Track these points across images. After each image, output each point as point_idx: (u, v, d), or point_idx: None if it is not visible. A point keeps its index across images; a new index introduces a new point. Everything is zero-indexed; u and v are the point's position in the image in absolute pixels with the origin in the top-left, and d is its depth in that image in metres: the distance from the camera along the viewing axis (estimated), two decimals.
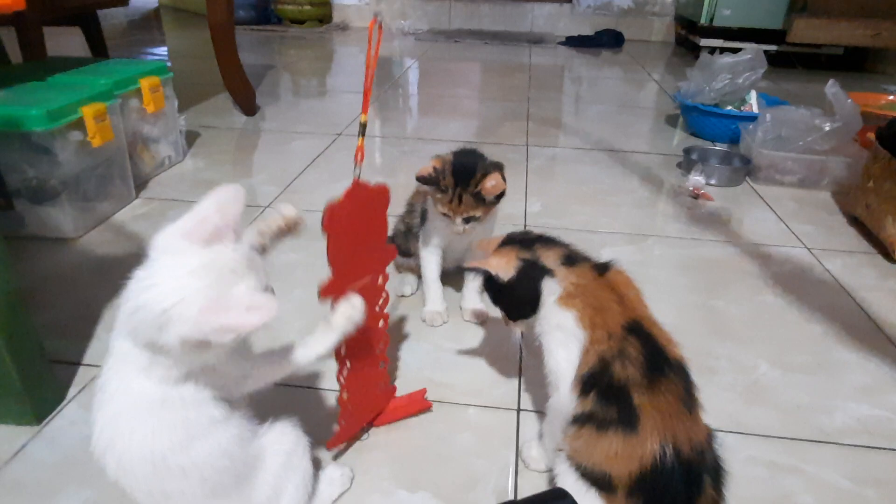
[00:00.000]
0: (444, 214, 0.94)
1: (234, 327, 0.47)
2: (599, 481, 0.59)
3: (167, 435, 0.53)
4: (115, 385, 0.53)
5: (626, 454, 0.58)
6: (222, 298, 0.48)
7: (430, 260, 1.04)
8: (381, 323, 0.76)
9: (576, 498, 0.57)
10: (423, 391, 0.83)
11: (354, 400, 0.75)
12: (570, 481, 0.61)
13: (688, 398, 0.60)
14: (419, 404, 0.83)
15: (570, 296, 0.65)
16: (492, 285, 0.70)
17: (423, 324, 1.03)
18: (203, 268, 0.48)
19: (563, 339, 0.65)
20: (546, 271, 0.66)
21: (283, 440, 0.62)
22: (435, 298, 1.05)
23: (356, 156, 0.68)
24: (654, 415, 0.58)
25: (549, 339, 0.67)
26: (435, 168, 0.92)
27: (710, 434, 0.61)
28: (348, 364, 0.72)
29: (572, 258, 0.68)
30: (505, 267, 0.67)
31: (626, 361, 0.60)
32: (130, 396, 0.53)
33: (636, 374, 0.59)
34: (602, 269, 0.68)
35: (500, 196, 0.93)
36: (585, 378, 0.62)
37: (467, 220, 0.94)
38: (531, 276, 0.67)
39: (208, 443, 0.55)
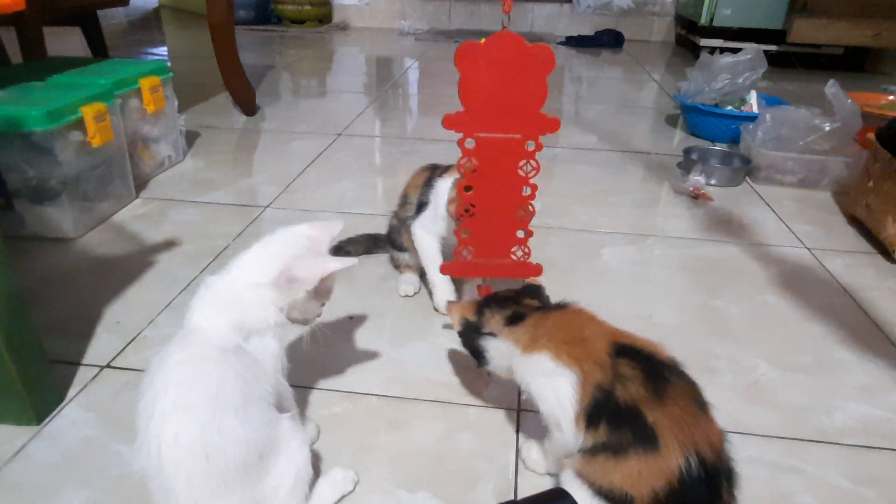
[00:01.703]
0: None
1: (323, 267, 0.64)
2: (617, 500, 0.58)
3: (231, 386, 0.58)
4: (187, 340, 0.61)
5: (649, 473, 0.56)
6: (317, 255, 0.67)
7: (430, 245, 1.00)
8: (527, 190, 0.81)
9: None
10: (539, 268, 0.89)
11: (475, 242, 0.85)
12: (581, 495, 0.59)
13: (699, 398, 0.60)
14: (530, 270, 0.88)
15: (534, 340, 0.67)
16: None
17: (422, 324, 1.03)
18: (306, 246, 0.68)
19: (546, 381, 0.65)
20: (484, 334, 0.72)
21: (294, 436, 0.63)
22: (439, 285, 1.01)
23: (503, 5, 0.74)
24: (672, 427, 0.56)
25: (534, 387, 0.67)
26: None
27: (723, 435, 0.60)
28: (471, 206, 0.83)
29: (519, 315, 0.71)
30: (456, 321, 0.77)
31: (626, 382, 0.59)
32: (203, 349, 0.60)
33: (640, 390, 0.58)
34: (560, 308, 0.71)
35: None
36: (590, 410, 0.61)
37: None
38: (468, 336, 0.75)
39: (256, 411, 0.60)
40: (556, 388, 0.63)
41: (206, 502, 0.55)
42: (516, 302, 0.74)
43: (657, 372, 0.60)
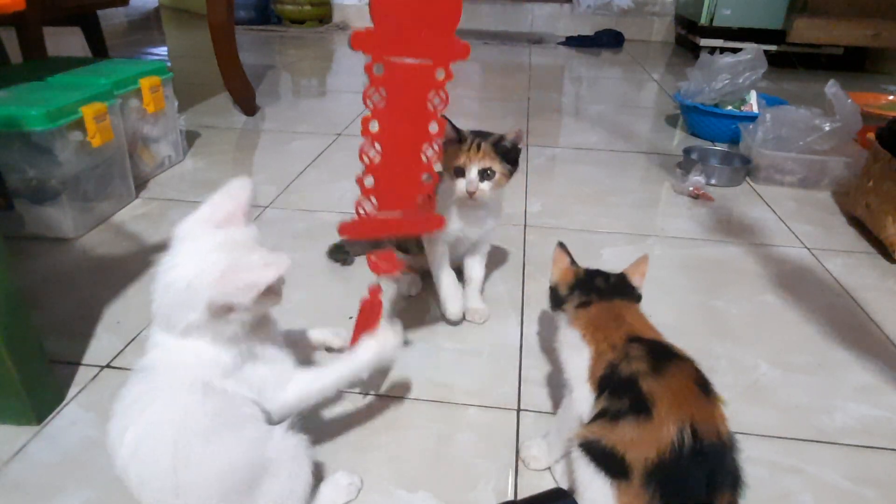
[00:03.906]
0: (458, 169, 0.90)
1: (254, 282, 0.52)
2: (613, 466, 0.58)
3: (199, 418, 0.53)
4: (153, 372, 0.56)
5: (642, 440, 0.57)
6: (239, 263, 0.54)
7: (437, 251, 0.99)
8: (434, 127, 0.71)
9: (585, 478, 0.60)
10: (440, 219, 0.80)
11: (379, 191, 0.72)
12: (582, 465, 0.62)
13: (701, 381, 0.61)
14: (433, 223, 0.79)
15: (576, 320, 0.73)
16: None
17: (423, 324, 1.03)
18: (219, 244, 0.55)
19: (571, 352, 0.71)
20: (562, 307, 0.77)
21: (288, 447, 0.61)
22: (451, 296, 1.00)
23: None
24: (668, 397, 0.58)
25: (563, 354, 0.73)
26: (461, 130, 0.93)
27: (732, 435, 0.60)
28: (377, 146, 0.70)
29: (587, 303, 0.75)
30: (554, 274, 0.81)
31: (632, 360, 0.63)
32: (171, 380, 0.55)
33: (642, 366, 0.62)
34: (608, 300, 0.75)
35: (515, 157, 0.92)
36: (599, 380, 0.65)
37: (482, 176, 0.90)
38: (554, 295, 0.79)
39: (234, 439, 0.55)
40: (575, 357, 0.70)
41: None
42: (598, 288, 0.77)
43: (663, 355, 0.64)
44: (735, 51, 1.95)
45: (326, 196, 1.50)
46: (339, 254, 1.20)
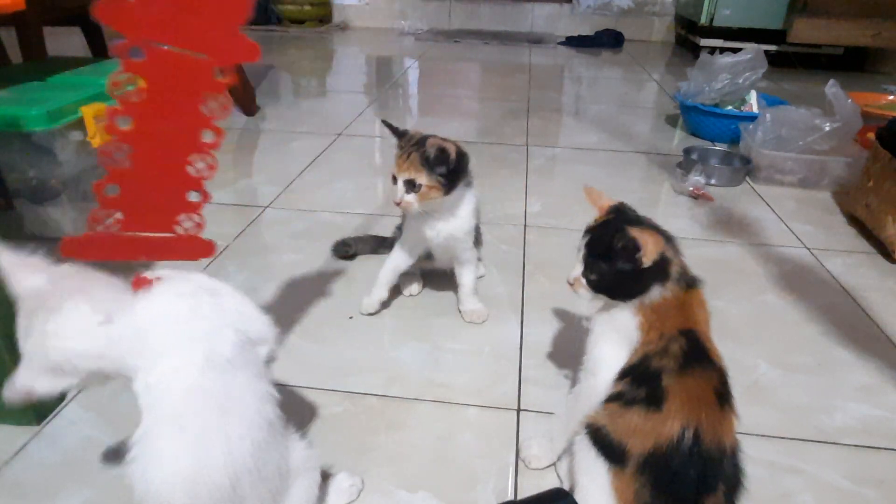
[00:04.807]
0: (393, 177, 0.90)
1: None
2: (613, 452, 0.60)
3: (245, 451, 0.53)
4: (183, 418, 0.52)
5: (645, 430, 0.59)
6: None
7: (402, 249, 1.02)
8: (209, 136, 0.58)
9: (584, 462, 0.61)
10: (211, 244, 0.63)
11: (127, 206, 0.59)
12: (584, 448, 0.63)
13: (722, 391, 0.61)
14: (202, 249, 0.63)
15: (644, 307, 0.65)
16: (617, 253, 0.63)
17: (422, 324, 1.03)
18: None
19: (616, 339, 0.66)
20: (666, 278, 0.64)
21: (305, 458, 0.61)
22: (374, 291, 1.04)
23: None
24: (682, 396, 0.59)
25: (601, 333, 0.68)
26: (407, 131, 0.92)
27: (736, 444, 0.61)
28: (127, 148, 0.57)
29: (683, 277, 0.66)
30: (651, 253, 0.61)
31: (666, 356, 0.61)
32: (203, 420, 0.52)
33: (671, 363, 0.61)
34: (686, 285, 0.66)
35: (449, 169, 0.88)
36: (625, 370, 0.64)
37: (408, 187, 0.88)
38: (653, 275, 0.63)
39: (270, 451, 0.55)
40: (617, 346, 0.65)
41: None
42: (678, 255, 0.67)
43: (697, 357, 0.62)
44: (735, 51, 1.95)
45: (326, 196, 1.50)
46: (343, 248, 1.20)
